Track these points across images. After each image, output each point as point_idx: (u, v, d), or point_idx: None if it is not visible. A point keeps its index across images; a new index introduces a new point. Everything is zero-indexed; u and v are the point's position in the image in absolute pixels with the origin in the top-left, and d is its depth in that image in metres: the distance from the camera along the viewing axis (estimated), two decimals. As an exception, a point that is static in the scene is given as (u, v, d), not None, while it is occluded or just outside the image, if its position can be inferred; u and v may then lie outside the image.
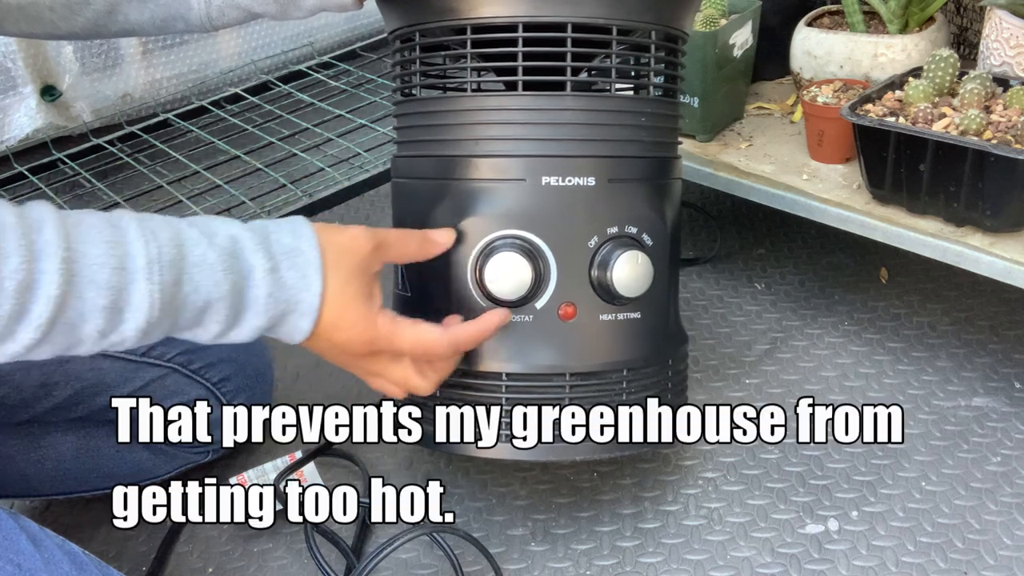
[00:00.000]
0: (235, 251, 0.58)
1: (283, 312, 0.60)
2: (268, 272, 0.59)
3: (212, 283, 0.57)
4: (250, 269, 0.59)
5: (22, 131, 1.51)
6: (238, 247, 0.59)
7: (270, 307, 0.59)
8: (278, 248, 0.60)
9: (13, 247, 0.51)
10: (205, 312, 0.58)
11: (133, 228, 0.55)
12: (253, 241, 0.59)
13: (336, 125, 1.54)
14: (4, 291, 0.50)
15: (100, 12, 0.77)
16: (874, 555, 0.81)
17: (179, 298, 0.56)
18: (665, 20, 0.73)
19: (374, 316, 0.63)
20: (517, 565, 0.82)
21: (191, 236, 0.57)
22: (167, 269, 0.55)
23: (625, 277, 0.70)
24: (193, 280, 0.56)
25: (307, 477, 0.89)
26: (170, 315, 0.56)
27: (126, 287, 0.54)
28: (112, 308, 0.54)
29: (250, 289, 0.59)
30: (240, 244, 0.59)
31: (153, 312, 0.55)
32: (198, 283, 0.57)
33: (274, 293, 0.59)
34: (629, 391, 0.75)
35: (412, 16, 0.73)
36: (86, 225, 0.54)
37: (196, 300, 0.57)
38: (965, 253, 0.88)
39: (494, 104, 0.71)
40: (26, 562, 0.60)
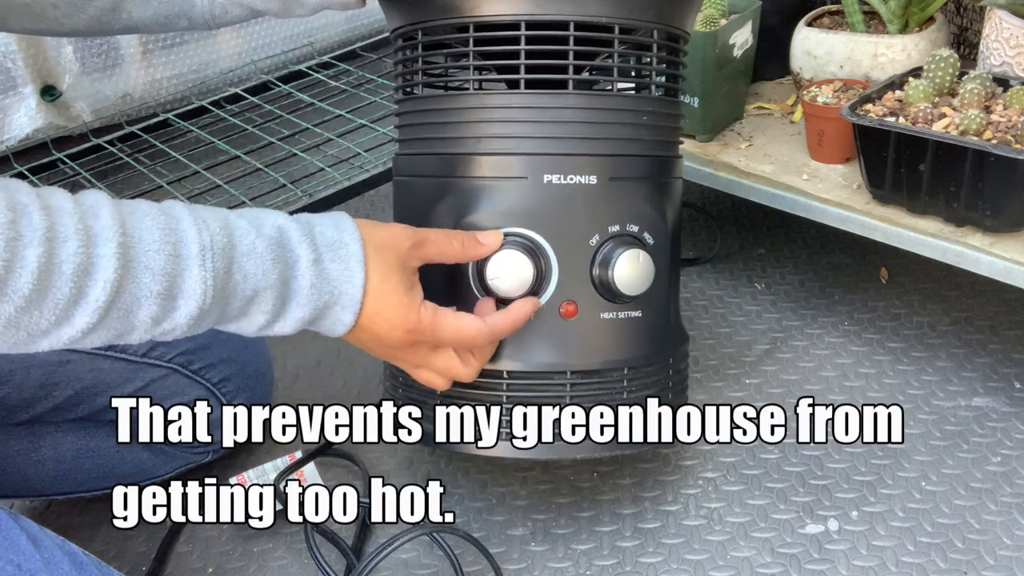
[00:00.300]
0: (282, 241, 0.59)
1: (326, 304, 0.61)
2: (312, 263, 0.59)
3: (261, 272, 0.58)
4: (296, 259, 0.59)
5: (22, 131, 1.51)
6: (285, 237, 0.59)
7: (313, 298, 0.60)
8: (322, 240, 0.61)
9: (71, 231, 0.51)
10: (253, 301, 0.58)
11: (186, 216, 0.56)
12: (299, 232, 0.60)
13: (336, 125, 1.54)
14: (63, 274, 0.51)
15: (104, 9, 0.77)
16: (874, 555, 0.81)
17: (230, 286, 0.57)
18: (667, 19, 0.73)
19: (416, 307, 0.64)
20: (517, 565, 0.82)
21: (240, 226, 0.58)
22: (219, 257, 0.56)
23: (626, 275, 0.70)
24: (243, 268, 0.57)
25: (307, 477, 0.89)
26: (220, 303, 0.57)
27: (180, 273, 0.55)
28: (166, 294, 0.54)
29: (295, 279, 0.59)
30: (287, 234, 0.60)
31: (206, 299, 0.56)
32: (248, 271, 0.57)
33: (317, 284, 0.60)
34: (630, 390, 0.75)
35: (414, 14, 0.73)
36: (140, 213, 0.55)
37: (245, 289, 0.57)
38: (965, 253, 0.89)
39: (496, 102, 0.71)
40: (26, 562, 0.60)
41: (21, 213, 0.50)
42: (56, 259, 0.51)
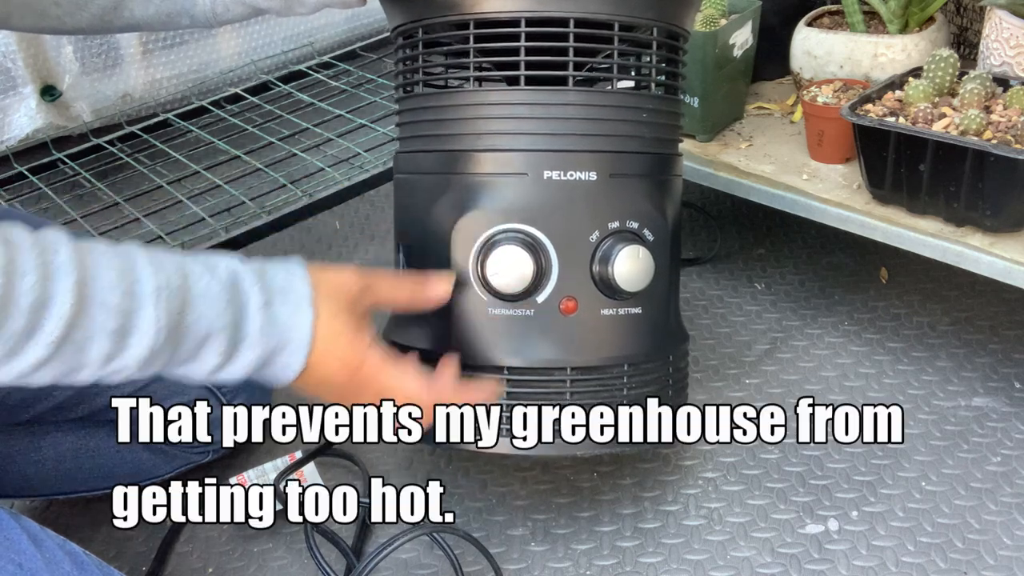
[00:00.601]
0: (235, 283, 0.60)
1: (275, 347, 0.61)
2: (262, 306, 0.60)
3: (215, 313, 0.58)
4: (246, 302, 0.60)
5: (22, 131, 1.50)
6: (237, 279, 0.60)
7: (263, 341, 0.60)
8: (272, 284, 0.61)
9: (30, 266, 0.52)
10: (205, 343, 0.58)
11: (142, 256, 0.57)
12: (251, 276, 0.60)
13: (336, 125, 1.54)
14: (19, 307, 0.51)
15: (106, 7, 0.77)
16: (874, 555, 0.81)
17: (183, 326, 0.57)
18: (667, 17, 0.73)
19: (363, 348, 0.64)
20: (517, 565, 0.82)
21: (195, 268, 0.59)
22: (173, 297, 0.56)
23: (626, 272, 0.70)
24: (197, 309, 0.58)
25: (307, 477, 0.89)
26: (172, 344, 0.57)
27: (135, 312, 0.55)
28: (119, 332, 0.55)
29: (246, 321, 0.59)
30: (239, 277, 0.60)
31: (158, 339, 0.56)
32: (201, 312, 0.58)
33: (266, 327, 0.60)
34: (630, 387, 0.75)
35: (415, 12, 0.73)
36: (98, 251, 0.56)
37: (198, 330, 0.58)
38: (965, 253, 0.89)
39: (496, 99, 0.71)
40: (27, 562, 0.59)
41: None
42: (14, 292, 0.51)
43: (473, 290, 0.71)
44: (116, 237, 1.29)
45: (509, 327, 0.71)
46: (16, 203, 1.42)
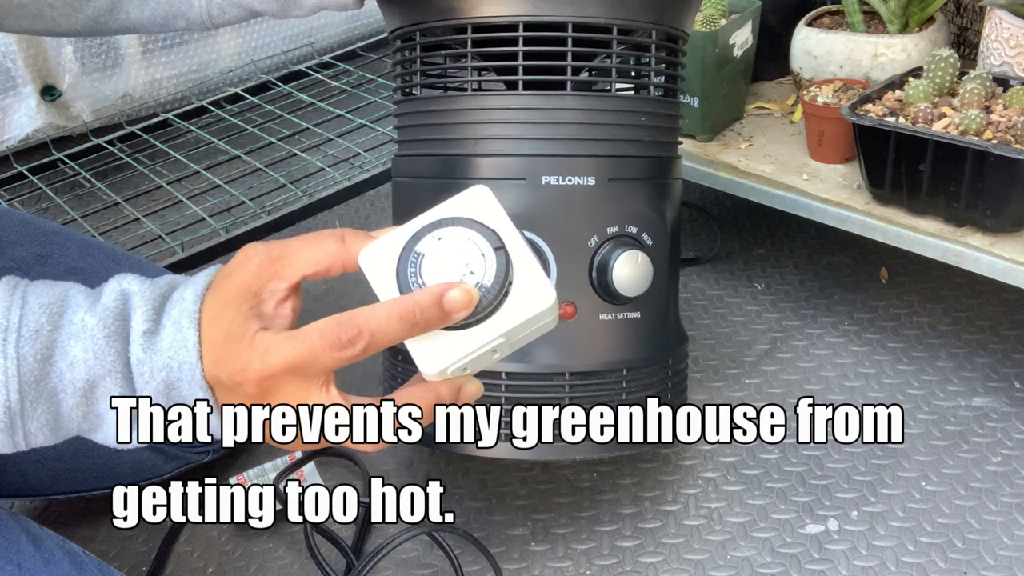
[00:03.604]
0: (123, 312, 0.47)
1: (167, 382, 0.47)
2: (144, 334, 0.47)
3: (92, 355, 0.45)
4: (130, 331, 0.47)
5: (22, 131, 1.50)
6: (128, 305, 0.47)
7: (150, 380, 0.47)
8: (170, 304, 0.48)
9: None
10: (92, 395, 0.46)
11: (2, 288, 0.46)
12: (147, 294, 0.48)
13: (336, 125, 1.54)
14: None
15: (101, 9, 0.77)
16: (874, 555, 0.81)
17: (51, 377, 0.45)
18: (666, 20, 0.73)
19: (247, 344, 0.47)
20: (517, 565, 0.82)
21: (75, 300, 0.47)
22: (28, 340, 0.45)
23: (625, 277, 0.70)
24: (68, 354, 0.45)
25: (307, 477, 0.89)
26: (45, 400, 0.46)
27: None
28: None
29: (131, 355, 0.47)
30: (130, 302, 0.48)
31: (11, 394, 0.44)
32: (74, 357, 0.45)
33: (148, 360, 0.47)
34: (629, 391, 0.75)
35: (413, 15, 0.73)
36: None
37: (75, 379, 0.45)
38: (965, 253, 0.88)
39: (494, 103, 0.71)
40: (27, 562, 0.60)
41: None
42: None
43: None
44: (116, 237, 1.29)
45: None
46: (16, 203, 1.42)
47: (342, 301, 1.18)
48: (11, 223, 0.86)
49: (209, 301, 0.48)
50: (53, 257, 0.84)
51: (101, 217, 1.37)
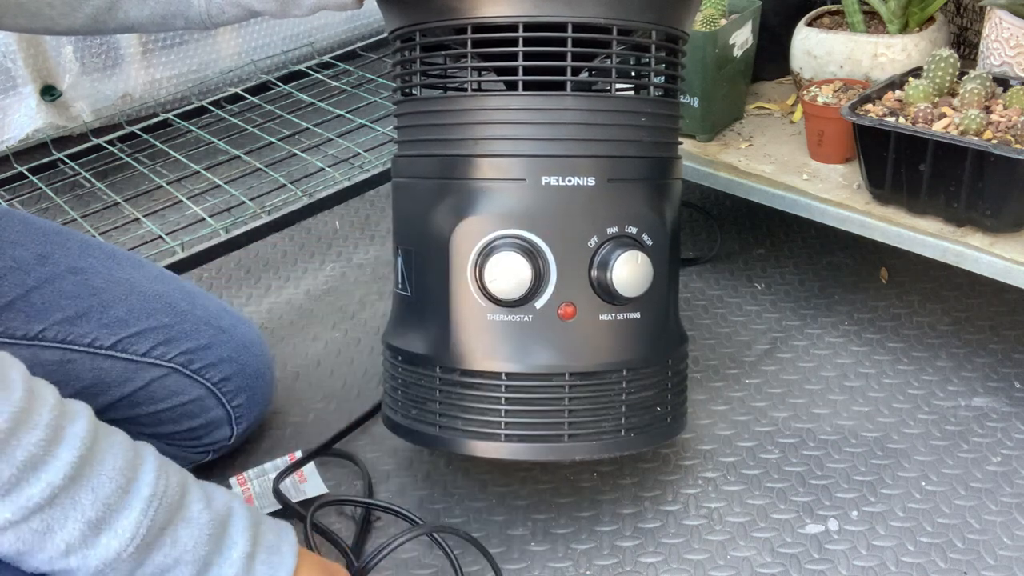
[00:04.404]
0: (226, 522, 0.58)
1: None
2: (245, 556, 0.58)
3: (192, 543, 0.56)
4: (231, 545, 0.58)
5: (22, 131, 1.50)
6: (230, 519, 0.58)
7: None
8: (262, 538, 0.59)
9: (43, 423, 0.50)
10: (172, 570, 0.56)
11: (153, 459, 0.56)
12: (245, 520, 0.59)
13: (336, 125, 1.54)
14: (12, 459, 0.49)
15: (100, 8, 0.77)
16: (874, 555, 0.81)
17: (157, 545, 0.55)
18: (665, 20, 0.73)
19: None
20: (517, 565, 0.82)
21: (194, 491, 0.57)
22: (163, 510, 0.55)
23: (625, 277, 0.70)
24: (177, 532, 0.56)
25: (307, 477, 0.89)
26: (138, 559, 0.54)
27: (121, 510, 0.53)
28: (96, 524, 0.52)
29: (223, 563, 0.57)
30: (232, 517, 0.58)
31: (129, 548, 0.53)
32: (180, 537, 0.56)
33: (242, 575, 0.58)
34: (629, 391, 0.75)
35: (412, 16, 0.73)
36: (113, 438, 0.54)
37: (170, 554, 0.55)
38: (965, 253, 0.89)
39: (494, 104, 0.71)
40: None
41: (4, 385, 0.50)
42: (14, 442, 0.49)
43: (472, 296, 0.71)
44: (116, 237, 1.29)
45: (508, 333, 0.71)
46: (16, 203, 1.42)
47: (341, 301, 1.19)
48: (11, 223, 0.86)
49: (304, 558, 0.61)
50: (53, 257, 0.84)
51: (101, 217, 1.37)
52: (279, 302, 1.20)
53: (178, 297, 0.87)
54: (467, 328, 0.72)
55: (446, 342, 0.73)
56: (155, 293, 0.86)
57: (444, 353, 0.73)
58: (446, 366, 0.74)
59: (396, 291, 0.80)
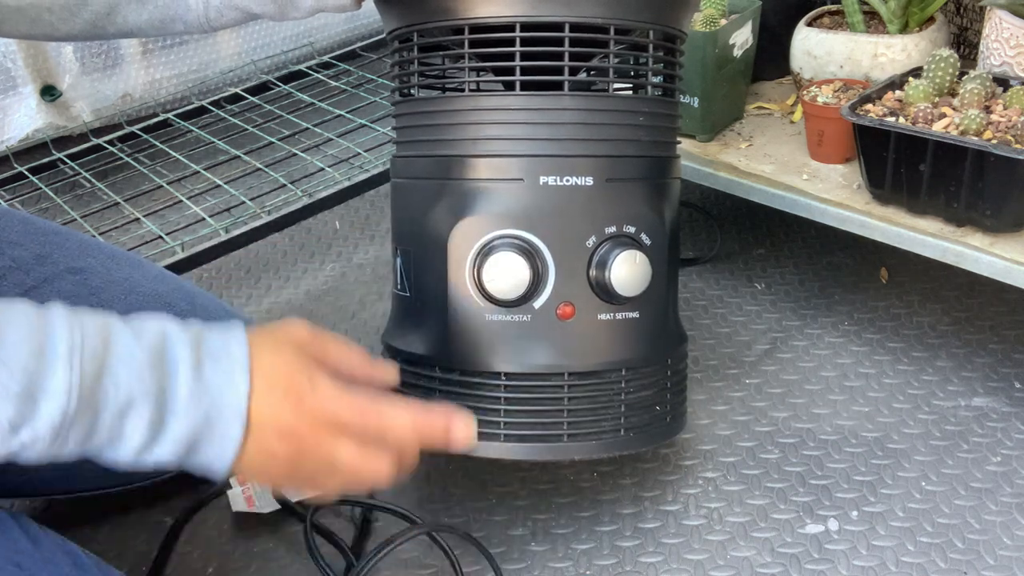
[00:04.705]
0: (163, 346, 0.55)
1: (207, 416, 0.54)
2: (192, 369, 0.54)
3: (136, 378, 0.53)
4: (175, 368, 0.54)
5: (22, 131, 1.50)
6: (166, 343, 0.55)
7: (191, 409, 0.54)
8: (205, 347, 0.56)
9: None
10: (127, 413, 0.53)
11: (60, 316, 0.53)
12: (182, 337, 0.56)
13: (336, 125, 1.54)
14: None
15: (98, 13, 0.77)
16: (874, 555, 0.81)
17: (99, 392, 0.52)
18: (663, 20, 0.73)
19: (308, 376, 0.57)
20: (517, 565, 0.82)
21: (119, 329, 0.54)
22: (89, 360, 0.52)
23: (623, 277, 0.70)
24: (116, 374, 0.53)
25: (307, 477, 0.89)
26: (89, 412, 0.52)
27: (42, 373, 0.51)
28: (25, 395, 0.50)
29: (173, 388, 0.54)
30: (169, 340, 0.55)
31: (70, 403, 0.51)
32: (120, 378, 0.53)
33: (197, 392, 0.54)
34: (628, 391, 0.75)
35: (410, 16, 0.73)
36: (14, 310, 0.52)
37: (118, 397, 0.52)
38: (965, 253, 0.88)
39: (492, 104, 0.71)
40: (26, 561, 0.59)
41: None
42: None
43: (470, 296, 0.71)
44: (116, 237, 1.29)
45: (506, 333, 0.71)
46: (16, 203, 1.42)
47: (341, 301, 1.19)
48: (11, 223, 0.86)
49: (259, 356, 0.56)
50: (53, 257, 0.84)
51: (101, 217, 1.37)
52: (279, 302, 1.20)
53: (178, 297, 0.87)
54: (466, 328, 0.72)
55: (445, 342, 0.73)
56: (154, 293, 0.86)
57: (443, 353, 0.73)
58: (445, 366, 0.74)
59: (395, 292, 0.80)
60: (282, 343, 0.59)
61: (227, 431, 0.55)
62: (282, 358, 0.57)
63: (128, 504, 0.91)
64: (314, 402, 0.57)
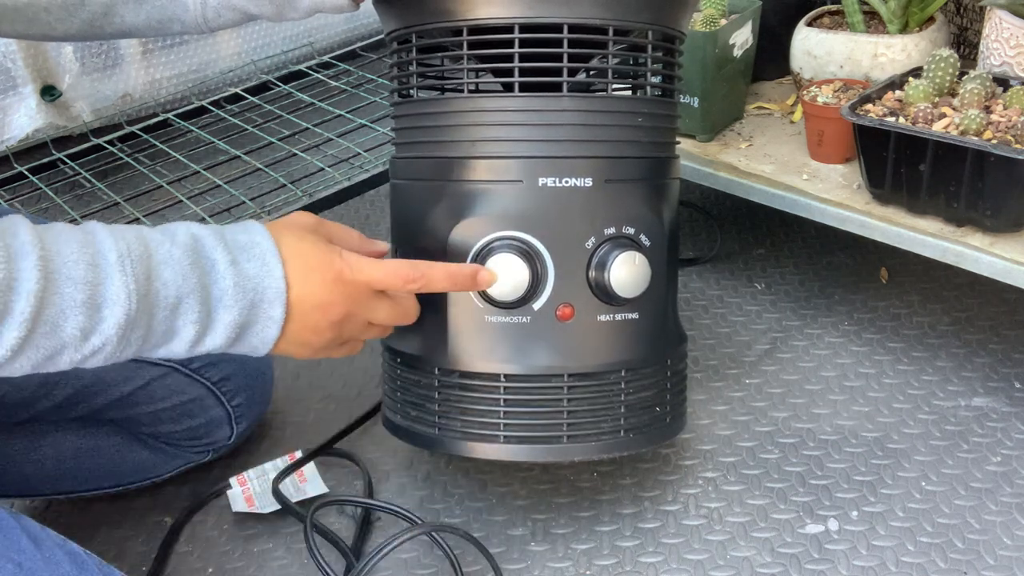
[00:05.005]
0: (196, 248, 0.59)
1: (252, 301, 0.60)
2: (230, 264, 0.60)
3: (181, 277, 0.58)
4: (212, 263, 0.59)
5: (22, 131, 1.50)
6: (199, 244, 0.60)
7: (239, 298, 0.60)
8: (234, 244, 0.61)
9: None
10: (178, 310, 0.58)
11: (100, 229, 0.57)
12: (212, 238, 0.60)
13: (336, 125, 1.54)
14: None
15: (96, 14, 0.77)
16: (874, 555, 0.81)
17: (152, 293, 0.56)
18: (662, 20, 0.73)
19: (337, 251, 0.64)
20: (517, 565, 0.82)
21: (154, 236, 0.59)
22: (137, 263, 0.56)
23: (623, 278, 0.70)
24: (162, 276, 0.57)
25: (307, 477, 0.89)
26: (146, 312, 0.56)
27: (102, 281, 0.55)
28: (91, 303, 0.54)
29: (216, 283, 0.59)
30: (201, 241, 0.60)
31: (131, 305, 0.55)
32: (167, 279, 0.57)
33: (240, 283, 0.60)
34: (628, 391, 0.75)
35: (409, 18, 0.73)
36: (57, 230, 0.56)
37: (168, 296, 0.57)
38: (965, 253, 0.88)
39: (491, 105, 0.71)
40: (27, 561, 0.60)
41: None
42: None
43: (470, 298, 0.71)
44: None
45: (506, 334, 0.71)
46: (16, 203, 1.42)
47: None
48: (11, 223, 0.86)
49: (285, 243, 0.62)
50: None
51: (101, 217, 1.37)
52: (279, 302, 1.19)
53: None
54: (465, 330, 0.72)
55: (445, 344, 0.73)
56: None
57: (443, 355, 0.73)
58: (445, 368, 0.74)
59: (395, 292, 0.80)
60: (298, 230, 0.64)
61: (270, 313, 0.61)
62: (305, 243, 0.63)
63: (128, 504, 0.91)
64: (352, 275, 0.64)
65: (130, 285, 0.55)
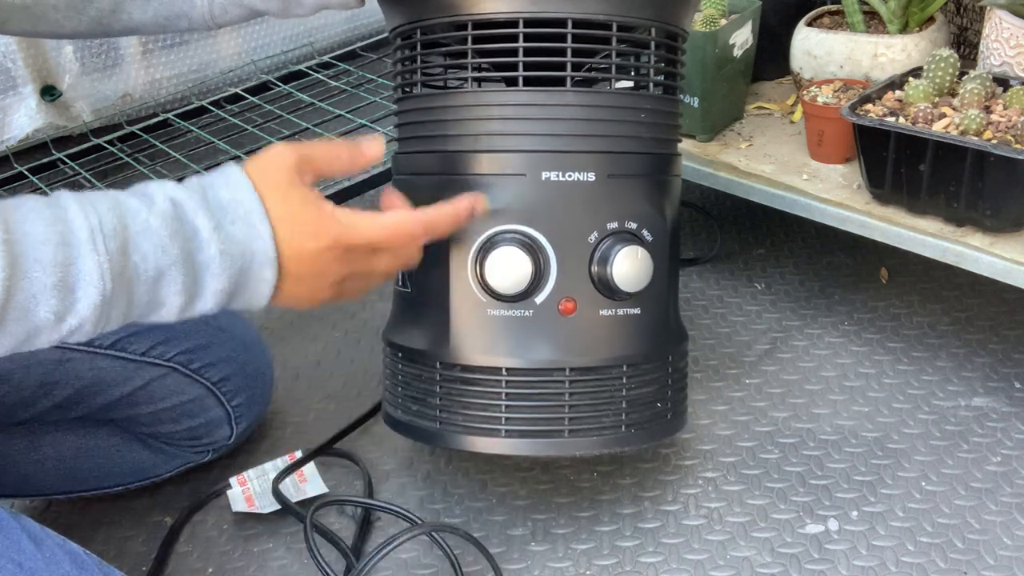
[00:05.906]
0: (176, 214, 0.56)
1: (240, 268, 0.58)
2: (214, 229, 0.57)
3: (160, 249, 0.55)
4: (195, 230, 0.56)
5: (22, 131, 1.50)
6: (179, 210, 0.57)
7: (226, 265, 0.57)
8: (216, 204, 0.58)
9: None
10: (160, 282, 0.56)
11: (71, 203, 0.54)
12: (192, 201, 0.57)
13: (336, 125, 1.54)
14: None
15: (104, 11, 0.77)
16: (874, 555, 0.81)
17: (129, 269, 0.54)
18: (665, 17, 0.73)
19: (329, 212, 0.61)
20: (517, 565, 0.82)
21: (130, 204, 0.55)
22: (111, 238, 0.53)
23: (625, 272, 0.70)
24: (140, 248, 0.54)
25: (307, 477, 0.89)
26: (124, 289, 0.54)
27: (73, 261, 0.52)
28: (62, 285, 0.52)
29: (201, 250, 0.56)
30: (181, 207, 0.57)
31: (105, 285, 0.53)
32: (145, 251, 0.55)
33: (226, 249, 0.57)
34: (629, 387, 0.75)
35: (413, 13, 0.73)
36: (25, 208, 0.53)
37: (147, 269, 0.55)
38: (965, 253, 0.88)
39: (494, 100, 0.71)
40: (27, 561, 0.59)
41: None
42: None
43: (472, 291, 0.71)
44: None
45: (508, 328, 0.71)
46: (16, 203, 1.42)
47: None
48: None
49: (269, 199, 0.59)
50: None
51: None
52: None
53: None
54: (467, 324, 0.72)
55: (446, 338, 0.73)
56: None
57: (444, 349, 0.73)
58: (446, 362, 0.74)
59: (397, 288, 0.80)
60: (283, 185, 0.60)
61: (261, 275, 0.59)
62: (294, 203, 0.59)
63: (128, 504, 0.91)
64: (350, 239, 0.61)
65: (103, 264, 0.53)
